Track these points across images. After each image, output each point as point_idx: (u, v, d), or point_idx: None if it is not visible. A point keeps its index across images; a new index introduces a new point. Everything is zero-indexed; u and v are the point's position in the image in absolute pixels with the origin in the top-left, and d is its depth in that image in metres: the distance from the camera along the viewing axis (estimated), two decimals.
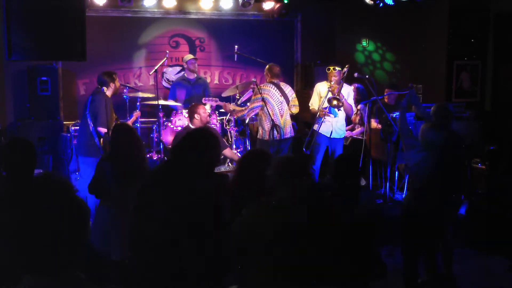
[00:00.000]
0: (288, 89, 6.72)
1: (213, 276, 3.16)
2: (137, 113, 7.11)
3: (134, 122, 7.20)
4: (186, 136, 3.37)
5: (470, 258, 5.78)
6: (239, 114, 6.78)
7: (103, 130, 5.98)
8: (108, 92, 6.19)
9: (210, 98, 7.17)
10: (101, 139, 5.99)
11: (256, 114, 6.72)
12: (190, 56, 7.85)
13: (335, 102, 6.53)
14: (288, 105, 6.64)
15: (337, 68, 6.69)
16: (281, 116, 6.54)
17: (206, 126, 6.23)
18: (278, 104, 6.52)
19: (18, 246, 2.02)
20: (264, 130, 6.55)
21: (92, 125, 6.00)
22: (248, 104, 6.70)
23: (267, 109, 6.41)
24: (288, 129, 6.65)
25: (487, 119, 7.63)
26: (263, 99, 6.39)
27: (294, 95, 6.80)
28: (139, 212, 3.24)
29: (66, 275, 2.01)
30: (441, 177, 4.47)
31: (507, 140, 6.98)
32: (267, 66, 6.72)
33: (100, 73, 6.35)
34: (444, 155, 4.50)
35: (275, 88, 6.53)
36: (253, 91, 6.75)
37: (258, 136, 6.74)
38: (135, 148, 4.31)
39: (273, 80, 6.60)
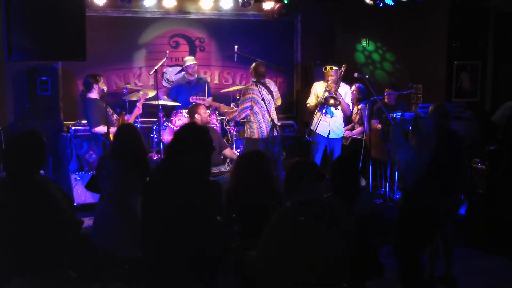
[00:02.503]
0: (272, 86, 6.84)
1: (206, 276, 3.19)
2: (144, 95, 7.05)
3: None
4: (177, 133, 3.39)
5: (470, 258, 5.78)
6: (231, 116, 6.88)
7: (100, 130, 6.02)
8: (93, 94, 6.25)
9: (197, 97, 7.19)
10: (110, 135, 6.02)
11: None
12: (190, 61, 7.82)
13: (332, 101, 6.55)
14: (274, 101, 6.73)
15: (334, 68, 6.74)
16: (269, 115, 6.61)
17: (195, 122, 6.23)
18: (266, 102, 6.60)
19: (8, 247, 2.02)
20: (252, 129, 6.64)
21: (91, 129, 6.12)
22: (240, 102, 6.75)
23: (257, 109, 6.52)
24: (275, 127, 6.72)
25: (487, 119, 7.63)
26: (252, 99, 6.50)
27: (276, 88, 6.93)
28: (144, 211, 3.27)
29: (57, 274, 2.01)
30: (433, 177, 4.46)
31: (507, 140, 6.97)
32: (253, 65, 6.79)
33: (85, 76, 6.47)
34: (438, 156, 4.49)
35: (263, 88, 6.60)
36: (242, 92, 6.80)
37: (245, 135, 6.82)
38: (137, 146, 4.34)
39: (259, 80, 6.65)
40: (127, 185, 4.22)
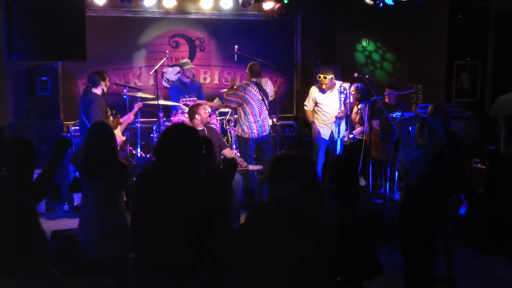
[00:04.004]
0: (269, 86, 6.88)
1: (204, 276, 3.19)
2: (138, 104, 7.09)
3: (135, 115, 7.22)
4: (163, 133, 3.37)
5: (470, 258, 5.78)
6: (225, 94, 6.89)
7: None
8: (98, 90, 6.28)
9: (188, 99, 7.20)
10: None
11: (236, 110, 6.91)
12: (188, 65, 7.81)
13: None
14: (268, 101, 6.78)
15: (328, 76, 6.77)
16: (259, 115, 6.69)
17: (180, 123, 6.20)
18: (258, 104, 6.68)
19: None
20: (242, 128, 6.69)
21: (88, 125, 6.08)
22: (230, 92, 6.77)
23: (248, 110, 6.60)
24: (266, 127, 6.78)
25: (487, 119, 7.63)
26: (242, 98, 6.59)
27: (273, 88, 6.98)
28: (135, 212, 3.26)
29: (36, 273, 2.00)
30: (435, 176, 4.46)
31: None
32: (248, 66, 6.86)
33: (91, 72, 6.50)
34: (441, 155, 4.49)
35: (256, 89, 6.64)
36: (236, 87, 6.85)
37: (236, 133, 6.88)
38: (104, 145, 4.12)
39: (254, 79, 6.68)
40: (104, 184, 4.06)
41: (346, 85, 6.94)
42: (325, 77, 6.80)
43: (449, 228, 5.08)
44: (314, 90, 7.05)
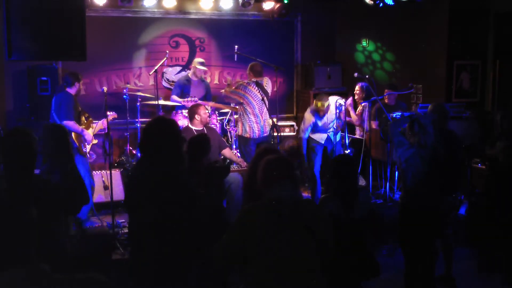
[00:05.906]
0: (269, 86, 6.91)
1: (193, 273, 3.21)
2: (112, 114, 7.09)
3: (109, 122, 7.22)
4: (144, 130, 3.43)
5: (470, 258, 5.78)
6: (227, 91, 6.92)
7: (69, 123, 6.00)
8: (72, 90, 6.32)
9: (189, 99, 7.20)
10: (72, 133, 6.04)
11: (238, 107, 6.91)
12: (203, 67, 7.76)
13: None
14: (268, 100, 6.78)
15: (326, 104, 6.54)
16: (261, 115, 6.70)
17: (159, 116, 6.19)
18: (259, 104, 6.69)
19: None
20: (244, 127, 6.70)
21: (59, 122, 6.09)
22: (231, 90, 6.80)
23: (249, 109, 6.64)
24: (267, 128, 6.78)
25: (487, 119, 7.62)
26: (243, 97, 6.64)
27: (270, 88, 6.99)
28: (128, 210, 3.28)
29: (26, 268, 2.00)
30: (432, 176, 4.46)
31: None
32: (249, 65, 6.86)
33: (66, 72, 6.57)
34: (435, 154, 4.49)
35: (257, 88, 6.64)
36: (237, 85, 6.87)
37: (237, 133, 6.88)
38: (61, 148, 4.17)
39: (255, 79, 6.68)
40: None
41: (342, 101, 6.77)
42: (323, 105, 6.56)
43: (449, 228, 5.08)
44: (311, 118, 6.70)
